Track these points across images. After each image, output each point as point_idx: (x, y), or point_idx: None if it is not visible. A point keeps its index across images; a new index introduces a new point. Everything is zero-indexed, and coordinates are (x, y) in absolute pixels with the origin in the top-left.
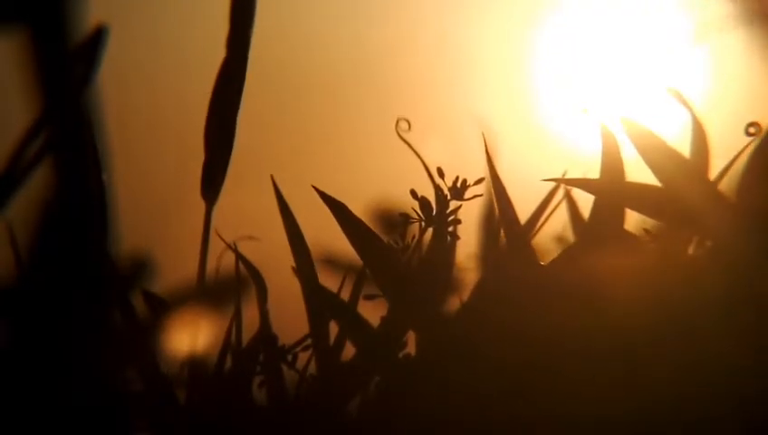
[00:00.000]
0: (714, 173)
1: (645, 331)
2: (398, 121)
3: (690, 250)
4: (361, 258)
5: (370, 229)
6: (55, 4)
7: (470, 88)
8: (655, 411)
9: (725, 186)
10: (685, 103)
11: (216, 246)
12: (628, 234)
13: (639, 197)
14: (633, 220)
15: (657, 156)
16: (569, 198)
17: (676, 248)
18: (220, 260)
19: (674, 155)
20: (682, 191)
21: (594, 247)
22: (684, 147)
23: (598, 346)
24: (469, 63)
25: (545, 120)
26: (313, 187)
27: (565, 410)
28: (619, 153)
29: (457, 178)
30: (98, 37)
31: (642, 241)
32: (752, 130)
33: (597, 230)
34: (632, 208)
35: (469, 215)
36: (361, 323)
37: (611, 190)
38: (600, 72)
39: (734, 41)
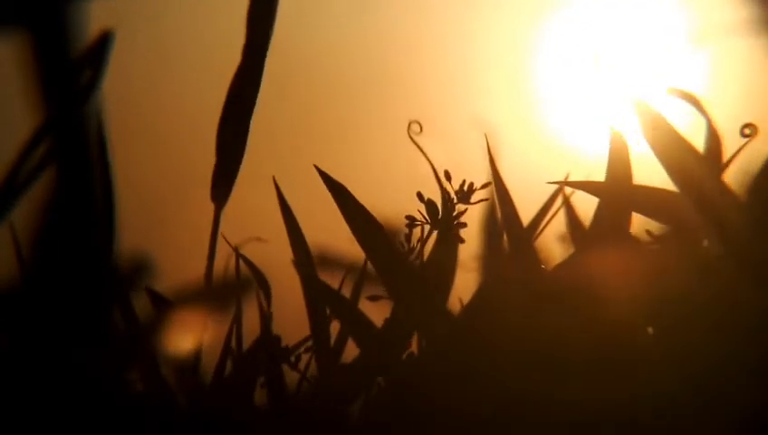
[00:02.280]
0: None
1: (650, 334)
2: (410, 124)
3: (697, 253)
4: (360, 244)
5: (371, 215)
6: (58, 10)
7: (474, 90)
8: (659, 414)
9: (731, 185)
10: (699, 106)
11: (220, 247)
12: (632, 236)
13: (644, 199)
14: (635, 222)
15: (667, 144)
16: (567, 203)
17: (683, 251)
18: (226, 262)
19: (683, 143)
20: (690, 191)
21: (598, 250)
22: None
23: (601, 348)
24: (473, 65)
25: (549, 123)
26: (315, 166)
27: (568, 411)
28: (626, 155)
29: (464, 181)
30: (103, 43)
31: (646, 244)
32: (747, 131)
33: (601, 233)
34: (637, 211)
35: (472, 216)
36: (364, 320)
37: (615, 193)
38: (606, 74)
39: (737, 42)
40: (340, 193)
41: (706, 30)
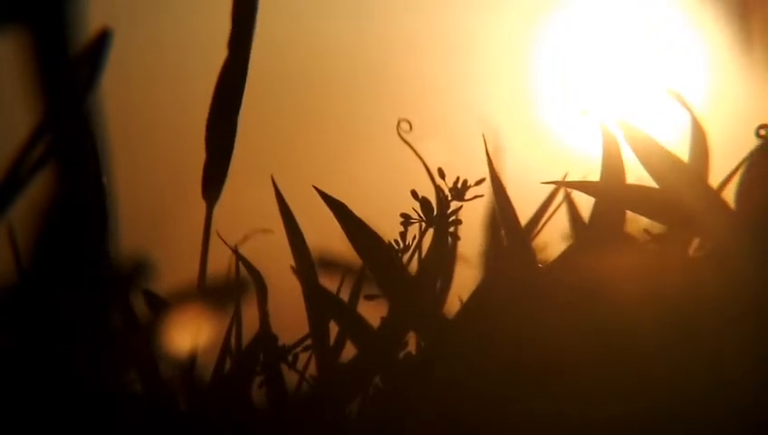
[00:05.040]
0: (713, 175)
1: (644, 332)
2: (399, 122)
3: (690, 252)
4: (362, 258)
5: (371, 229)
6: (57, 8)
7: (472, 89)
8: (655, 413)
9: (730, 190)
10: (685, 105)
11: (216, 246)
12: (627, 236)
13: (639, 199)
14: (633, 222)
15: (655, 160)
16: (569, 200)
17: (676, 250)
18: (222, 261)
19: (672, 159)
20: (681, 194)
21: (594, 249)
22: (683, 149)
23: (597, 348)
24: (471, 65)
25: (547, 122)
26: (314, 187)
27: (565, 411)
28: (619, 155)
29: (458, 178)
30: (102, 41)
31: (642, 243)
32: (762, 132)
33: (597, 232)
34: (632, 210)
35: (471, 214)
36: (362, 323)
37: (611, 193)
38: (601, 74)
39: (732, 42)
40: (339, 209)
41: (701, 29)
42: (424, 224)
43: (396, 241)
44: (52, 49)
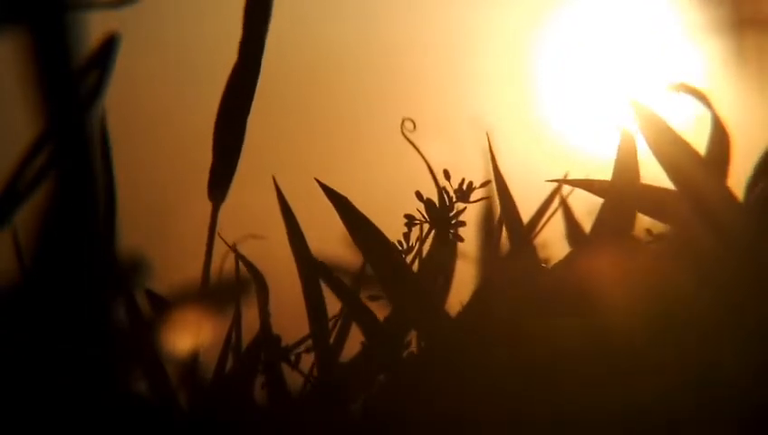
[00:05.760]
0: (732, 173)
1: (650, 333)
2: (403, 121)
3: (698, 253)
4: (363, 254)
5: (373, 224)
6: (60, 17)
7: (474, 88)
8: (658, 413)
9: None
10: (708, 103)
11: (217, 245)
12: (633, 236)
13: (649, 199)
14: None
15: (667, 146)
16: (564, 204)
17: (685, 251)
18: (223, 261)
19: (685, 147)
20: (691, 191)
21: (599, 250)
22: (700, 147)
23: (600, 348)
24: (473, 63)
25: (548, 122)
26: (316, 180)
27: (567, 410)
28: (634, 153)
29: (463, 180)
30: (109, 46)
31: (647, 243)
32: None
33: (602, 232)
34: (642, 212)
35: (470, 214)
36: (367, 312)
37: (620, 192)
38: (601, 75)
39: (725, 45)
40: (341, 204)
41: (703, 28)
42: (427, 225)
43: (399, 242)
44: (56, 57)
